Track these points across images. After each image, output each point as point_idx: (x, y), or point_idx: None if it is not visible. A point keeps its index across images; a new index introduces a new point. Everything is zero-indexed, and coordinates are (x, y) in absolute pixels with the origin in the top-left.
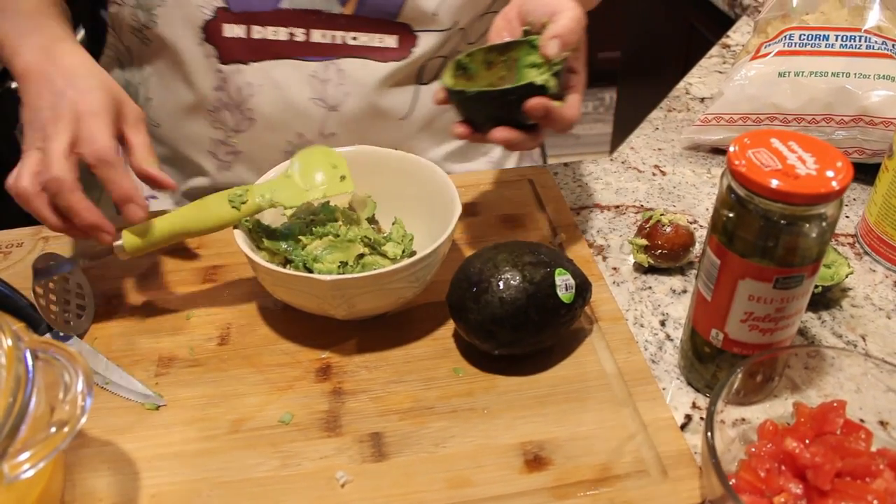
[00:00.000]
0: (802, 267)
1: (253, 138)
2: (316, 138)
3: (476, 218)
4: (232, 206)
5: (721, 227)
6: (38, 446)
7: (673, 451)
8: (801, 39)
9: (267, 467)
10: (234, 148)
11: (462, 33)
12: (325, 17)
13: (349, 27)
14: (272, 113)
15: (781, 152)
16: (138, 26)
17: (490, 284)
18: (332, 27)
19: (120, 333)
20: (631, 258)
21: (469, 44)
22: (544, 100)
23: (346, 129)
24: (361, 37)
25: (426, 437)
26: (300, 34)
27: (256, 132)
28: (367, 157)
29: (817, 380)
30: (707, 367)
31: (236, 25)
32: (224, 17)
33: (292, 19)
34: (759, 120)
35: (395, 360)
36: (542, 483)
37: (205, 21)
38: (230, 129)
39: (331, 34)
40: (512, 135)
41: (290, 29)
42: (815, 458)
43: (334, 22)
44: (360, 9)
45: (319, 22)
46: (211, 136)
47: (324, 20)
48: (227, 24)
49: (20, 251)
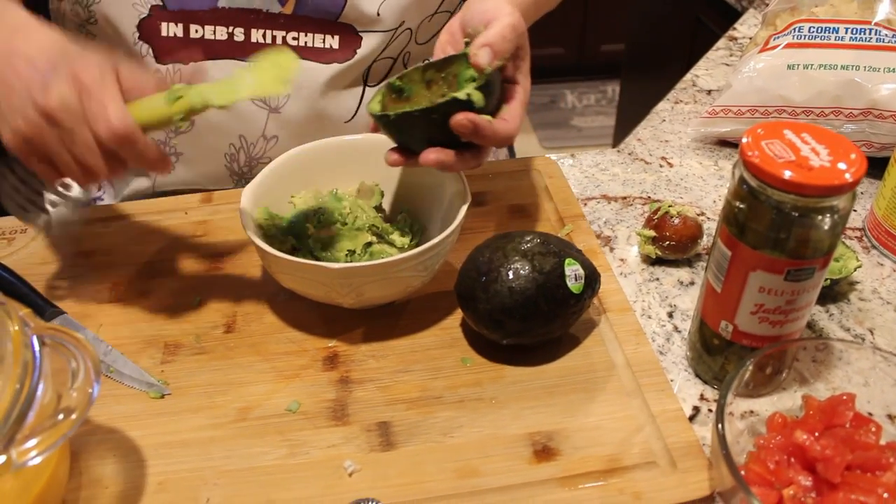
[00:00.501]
0: (814, 259)
1: (194, 140)
2: (257, 141)
3: (483, 207)
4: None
5: (732, 218)
6: (45, 433)
7: (682, 442)
8: (810, 32)
9: (274, 456)
10: (174, 149)
11: (409, 34)
12: (263, 16)
13: (290, 27)
14: (212, 115)
15: (795, 144)
16: (80, 21)
17: (499, 274)
18: (271, 27)
19: (125, 321)
20: (637, 249)
21: (419, 44)
22: (469, 115)
23: (289, 131)
24: (303, 37)
25: (434, 427)
26: (239, 34)
27: (197, 134)
28: (374, 146)
29: (825, 373)
30: (715, 358)
31: (173, 24)
32: (160, 15)
33: (231, 18)
34: (767, 112)
35: (403, 349)
36: (550, 473)
37: (139, 19)
38: (171, 131)
39: (271, 34)
40: (443, 156)
41: (229, 28)
42: (825, 451)
43: (274, 21)
44: (299, 8)
45: (259, 21)
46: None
47: (263, 20)
48: (164, 22)
49: (24, 237)
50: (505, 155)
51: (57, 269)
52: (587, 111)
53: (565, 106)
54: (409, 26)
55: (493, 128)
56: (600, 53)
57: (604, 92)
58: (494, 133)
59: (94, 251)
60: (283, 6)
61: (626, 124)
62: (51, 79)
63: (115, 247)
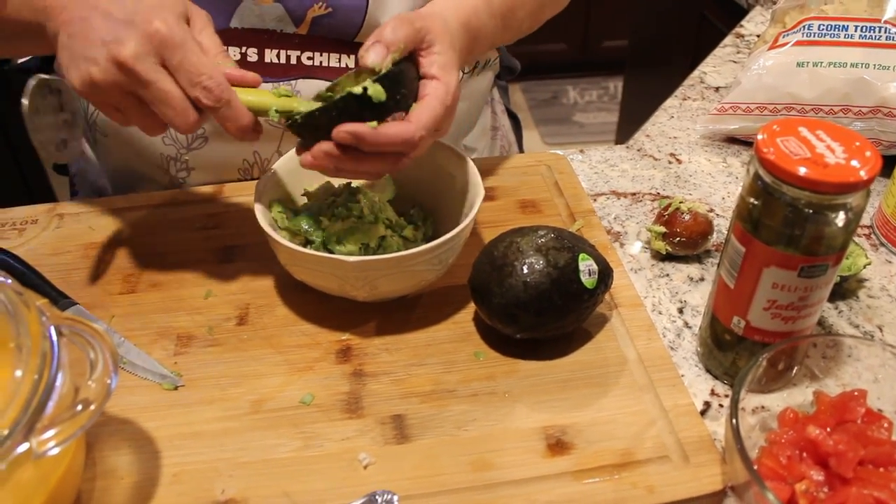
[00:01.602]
0: (827, 256)
1: (207, 154)
2: (272, 156)
3: (494, 202)
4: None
5: (746, 214)
6: (64, 424)
7: (694, 437)
8: (819, 29)
9: (289, 448)
10: (186, 164)
11: None
12: (277, 36)
13: (304, 47)
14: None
15: (810, 141)
16: None
17: (514, 268)
18: (285, 47)
19: (137, 312)
20: (644, 245)
21: None
22: (346, 127)
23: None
24: (318, 57)
25: (448, 420)
26: (253, 54)
27: (211, 149)
28: None
29: (835, 369)
30: (726, 354)
31: None
32: None
33: (244, 39)
34: (776, 110)
35: (416, 342)
36: (564, 467)
37: None
38: (183, 146)
39: (285, 54)
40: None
41: (242, 48)
42: (838, 446)
43: (288, 42)
44: (314, 29)
45: (272, 42)
46: (162, 152)
47: (276, 40)
48: None
49: (35, 228)
50: (515, 150)
51: (68, 259)
52: (589, 107)
53: (567, 102)
54: None
55: (377, 135)
56: (602, 49)
57: (606, 88)
58: (381, 139)
59: (106, 242)
60: (298, 27)
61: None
62: (126, 31)
63: (128, 238)
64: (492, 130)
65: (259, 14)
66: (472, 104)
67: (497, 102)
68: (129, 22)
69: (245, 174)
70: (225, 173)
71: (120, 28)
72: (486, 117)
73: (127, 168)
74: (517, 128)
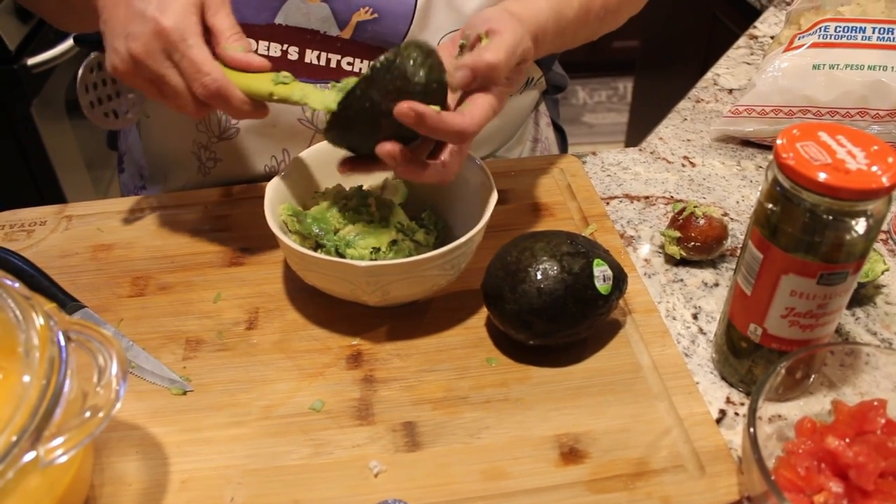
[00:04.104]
0: (847, 263)
1: (237, 148)
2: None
3: (506, 206)
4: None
5: (764, 220)
6: (72, 431)
7: (710, 446)
8: (836, 31)
9: (299, 455)
10: (215, 154)
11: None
12: (320, 38)
13: (345, 52)
14: (260, 126)
15: (830, 146)
16: None
17: (528, 274)
18: (327, 49)
19: (145, 315)
20: (657, 249)
21: None
22: (411, 103)
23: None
24: (357, 63)
25: (460, 428)
26: (293, 53)
27: (241, 141)
28: None
29: (853, 377)
30: (742, 361)
31: None
32: None
33: (287, 37)
34: (792, 113)
35: (427, 348)
36: (578, 476)
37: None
38: (214, 135)
39: (325, 56)
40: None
41: (283, 46)
42: (858, 458)
43: (330, 45)
44: (358, 34)
45: (314, 43)
46: (195, 139)
47: (319, 41)
48: None
49: (43, 230)
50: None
51: (77, 261)
52: (598, 108)
53: (577, 102)
54: None
55: (440, 118)
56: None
57: (615, 89)
58: (442, 124)
59: (115, 244)
60: (342, 30)
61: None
62: (139, 26)
63: (136, 240)
64: (532, 142)
65: (305, 13)
66: (508, 121)
67: (542, 115)
68: (142, 15)
69: (270, 171)
70: (251, 168)
71: (136, 21)
72: (527, 129)
73: (162, 152)
74: (562, 141)
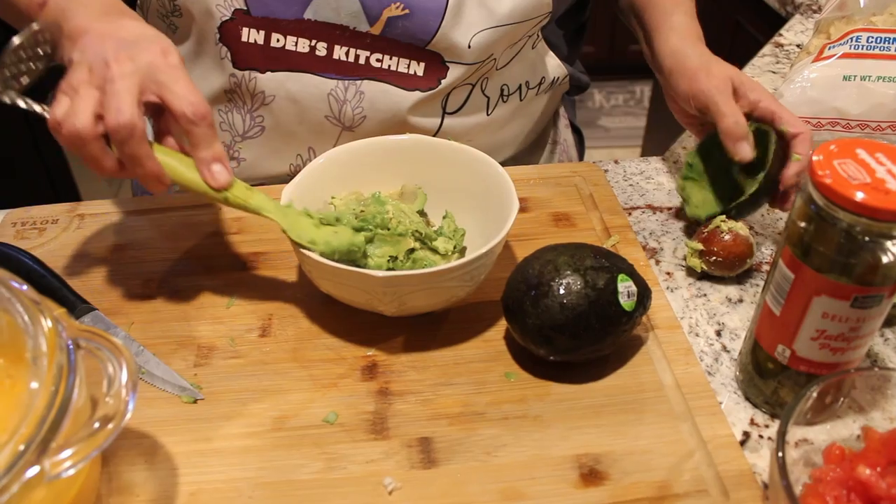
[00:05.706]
0: (883, 287)
1: (260, 146)
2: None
3: (527, 214)
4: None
5: (797, 239)
6: (80, 444)
7: (734, 470)
8: (868, 42)
9: (311, 469)
10: (238, 154)
11: (493, 62)
12: (350, 33)
13: (375, 48)
14: (285, 124)
15: (869, 164)
16: (164, 13)
17: (550, 288)
18: (356, 45)
19: (157, 319)
20: (680, 262)
21: (498, 70)
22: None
23: None
24: (387, 60)
25: (477, 445)
26: (322, 48)
27: (266, 141)
28: (418, 147)
29: (883, 402)
30: (768, 382)
31: (255, 31)
32: (243, 20)
33: (315, 32)
34: (820, 125)
35: (444, 361)
36: (598, 499)
37: (221, 21)
38: (237, 134)
39: (354, 52)
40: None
41: (312, 42)
42: (892, 490)
43: (359, 40)
44: (388, 30)
45: (343, 38)
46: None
47: (348, 37)
48: (245, 28)
49: (55, 228)
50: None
51: (88, 261)
52: (615, 111)
53: (593, 106)
54: (494, 56)
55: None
56: (630, 53)
57: (632, 92)
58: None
59: (127, 245)
60: (372, 26)
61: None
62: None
63: (149, 241)
64: (551, 144)
65: (335, 7)
66: (534, 122)
67: (561, 116)
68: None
69: (295, 170)
70: (275, 167)
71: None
72: (547, 131)
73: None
74: (580, 143)
